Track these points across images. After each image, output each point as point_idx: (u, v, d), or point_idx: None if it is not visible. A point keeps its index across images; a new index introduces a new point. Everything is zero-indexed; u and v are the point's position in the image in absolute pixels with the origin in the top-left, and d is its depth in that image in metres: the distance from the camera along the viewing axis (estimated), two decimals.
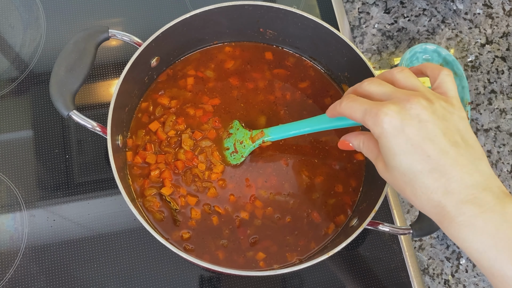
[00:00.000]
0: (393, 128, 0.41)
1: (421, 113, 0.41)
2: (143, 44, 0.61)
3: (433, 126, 0.40)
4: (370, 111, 0.42)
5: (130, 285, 0.64)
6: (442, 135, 0.40)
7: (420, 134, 0.40)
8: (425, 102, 0.41)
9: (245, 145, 0.63)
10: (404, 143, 0.40)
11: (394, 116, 0.40)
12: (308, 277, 0.67)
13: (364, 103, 0.43)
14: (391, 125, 0.41)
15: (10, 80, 0.74)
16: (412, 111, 0.41)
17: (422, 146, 0.40)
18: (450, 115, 0.42)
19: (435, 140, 0.40)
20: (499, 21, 0.86)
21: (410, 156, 0.40)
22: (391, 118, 0.41)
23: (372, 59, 0.81)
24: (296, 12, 0.65)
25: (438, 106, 0.42)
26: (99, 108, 0.73)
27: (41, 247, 0.65)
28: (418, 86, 0.44)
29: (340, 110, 0.46)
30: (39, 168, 0.69)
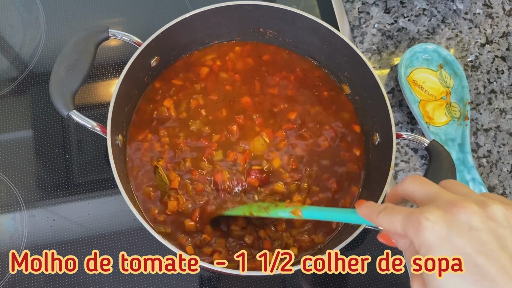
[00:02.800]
0: (437, 237, 0.33)
1: (471, 219, 0.33)
2: (143, 44, 0.61)
3: (487, 236, 0.33)
4: (409, 218, 0.35)
5: (130, 285, 0.64)
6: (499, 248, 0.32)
7: (471, 246, 0.32)
8: (476, 206, 0.34)
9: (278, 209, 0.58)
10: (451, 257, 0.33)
11: (438, 222, 0.33)
12: (308, 277, 0.67)
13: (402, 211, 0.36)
14: (434, 232, 0.33)
15: (10, 80, 0.74)
16: (462, 216, 0.33)
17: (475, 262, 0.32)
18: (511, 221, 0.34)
19: (491, 255, 0.32)
20: (499, 21, 0.86)
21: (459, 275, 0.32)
22: (434, 225, 0.33)
23: (372, 59, 0.81)
24: (296, 12, 0.65)
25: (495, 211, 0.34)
26: (99, 108, 0.73)
27: (41, 247, 0.65)
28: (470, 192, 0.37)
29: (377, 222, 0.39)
30: (39, 168, 0.69)
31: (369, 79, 0.63)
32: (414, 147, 0.76)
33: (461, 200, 0.34)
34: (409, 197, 0.39)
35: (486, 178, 0.76)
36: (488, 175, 0.76)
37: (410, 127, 0.77)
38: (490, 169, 0.76)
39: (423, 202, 0.37)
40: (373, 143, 0.66)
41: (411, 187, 0.39)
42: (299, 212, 0.55)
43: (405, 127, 0.77)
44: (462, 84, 0.78)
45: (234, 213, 0.61)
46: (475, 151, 0.77)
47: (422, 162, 0.76)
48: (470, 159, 0.73)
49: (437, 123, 0.76)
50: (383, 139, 0.63)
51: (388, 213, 0.38)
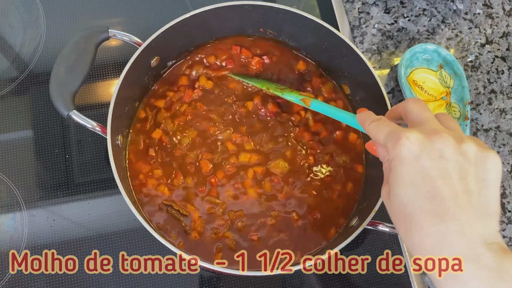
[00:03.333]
0: (410, 154, 0.37)
1: (445, 149, 0.37)
2: (143, 44, 0.61)
3: (452, 166, 0.37)
4: (393, 132, 0.39)
5: (130, 285, 0.64)
6: (458, 178, 0.37)
7: (435, 169, 0.37)
8: (453, 140, 0.38)
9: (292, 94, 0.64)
10: (415, 173, 0.37)
11: (415, 143, 0.37)
12: (308, 277, 0.67)
13: (391, 126, 0.41)
14: (409, 150, 0.37)
15: (10, 80, 0.74)
16: (437, 145, 0.37)
17: (432, 183, 0.36)
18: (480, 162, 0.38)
19: (449, 181, 0.36)
20: (499, 21, 0.86)
21: (416, 189, 0.37)
22: (411, 144, 0.37)
23: (372, 59, 0.81)
24: (296, 12, 0.65)
25: (468, 149, 0.38)
26: (99, 108, 0.73)
27: (41, 247, 0.65)
28: (457, 128, 0.41)
29: (367, 129, 0.44)
30: (39, 168, 0.69)
31: (369, 79, 0.63)
32: None
33: (442, 131, 0.38)
34: (404, 116, 0.43)
35: None
36: None
37: None
38: None
39: (413, 124, 0.41)
40: None
41: (409, 106, 0.43)
42: (308, 101, 0.60)
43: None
44: (462, 84, 0.78)
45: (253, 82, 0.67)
46: None
47: None
48: None
49: None
50: None
51: (379, 124, 0.42)
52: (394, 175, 0.39)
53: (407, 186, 0.37)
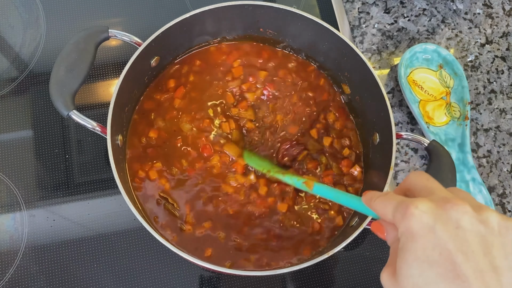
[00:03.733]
0: (422, 226, 0.32)
1: (462, 218, 0.32)
2: (143, 44, 0.61)
3: (473, 238, 0.31)
4: (401, 204, 0.34)
5: (130, 285, 0.64)
6: (482, 253, 0.31)
7: (453, 243, 0.31)
8: (470, 208, 0.32)
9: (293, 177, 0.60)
10: (430, 248, 0.31)
11: (426, 213, 0.32)
12: (308, 277, 0.67)
13: (398, 198, 0.35)
14: (421, 221, 0.32)
15: (10, 80, 0.74)
16: (452, 213, 0.32)
17: (452, 259, 0.31)
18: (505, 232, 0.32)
19: (471, 257, 0.31)
20: (499, 21, 0.86)
21: (434, 267, 0.31)
22: (422, 213, 0.32)
23: (372, 59, 0.81)
24: (296, 12, 0.65)
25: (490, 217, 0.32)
26: (99, 108, 0.73)
27: (41, 247, 0.65)
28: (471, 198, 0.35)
29: (373, 207, 0.38)
30: (39, 168, 0.69)
31: (369, 79, 0.63)
32: (414, 147, 0.76)
33: (455, 199, 0.33)
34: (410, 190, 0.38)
35: (486, 178, 0.76)
36: (488, 175, 0.76)
37: (410, 127, 0.77)
38: (490, 169, 0.76)
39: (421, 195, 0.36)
40: (373, 143, 0.66)
41: (413, 180, 0.38)
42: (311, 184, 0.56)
43: (405, 127, 0.77)
44: (462, 84, 0.78)
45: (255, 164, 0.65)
46: (475, 151, 0.77)
47: (422, 162, 0.76)
48: (470, 159, 0.73)
49: (437, 123, 0.76)
50: (383, 139, 0.63)
51: (384, 199, 0.37)
52: (404, 253, 0.33)
53: (423, 265, 0.31)
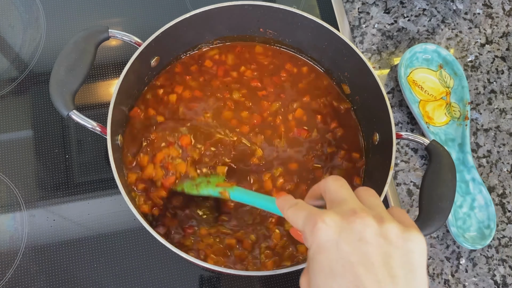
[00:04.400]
0: (327, 240, 0.34)
1: (364, 231, 0.34)
2: (143, 44, 0.61)
3: (373, 250, 0.33)
4: (309, 217, 0.36)
5: (130, 285, 0.64)
6: (381, 264, 0.33)
7: (355, 255, 0.33)
8: (373, 221, 0.34)
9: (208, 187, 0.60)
10: (334, 261, 0.33)
11: (332, 227, 0.34)
12: None
13: (307, 209, 0.37)
14: (326, 235, 0.34)
15: (10, 80, 0.74)
16: (356, 226, 0.34)
17: (354, 271, 0.33)
18: (402, 243, 0.34)
19: (371, 268, 0.33)
20: (499, 21, 0.86)
21: (337, 280, 0.33)
22: (327, 228, 0.34)
23: (372, 59, 0.81)
24: (296, 12, 0.65)
25: (389, 229, 0.35)
26: (99, 108, 0.73)
27: (41, 247, 0.65)
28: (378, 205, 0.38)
29: (286, 216, 0.40)
30: (39, 168, 0.69)
31: (369, 79, 0.63)
32: (414, 147, 0.76)
33: (361, 211, 0.35)
34: (323, 195, 0.40)
35: (486, 178, 0.76)
36: (488, 175, 0.76)
37: (410, 127, 0.77)
38: (490, 169, 0.76)
39: (331, 203, 0.38)
40: (373, 143, 0.66)
41: (328, 186, 0.39)
42: (227, 193, 0.57)
43: (405, 127, 0.77)
44: (462, 84, 0.78)
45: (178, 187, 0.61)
46: (475, 151, 0.77)
47: (422, 162, 0.76)
48: (470, 159, 0.73)
49: (437, 123, 0.76)
50: (383, 139, 0.63)
51: (296, 209, 0.39)
52: (313, 264, 0.35)
53: (327, 277, 0.34)
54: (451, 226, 0.69)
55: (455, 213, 0.71)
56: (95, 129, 0.58)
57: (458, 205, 0.72)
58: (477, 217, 0.71)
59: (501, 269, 0.71)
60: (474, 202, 0.72)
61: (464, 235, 0.70)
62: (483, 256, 0.72)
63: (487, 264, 0.71)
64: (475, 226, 0.71)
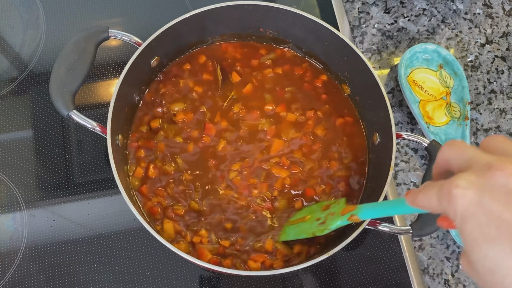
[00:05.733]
0: (469, 205, 0.29)
1: (509, 182, 0.29)
2: (143, 44, 0.61)
3: None
4: (441, 190, 0.31)
5: (130, 285, 0.64)
6: None
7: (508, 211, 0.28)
8: None
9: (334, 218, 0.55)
10: (486, 226, 0.29)
11: (469, 188, 0.30)
12: (308, 277, 0.67)
13: (437, 185, 0.32)
14: (466, 200, 0.30)
15: (10, 80, 0.74)
16: (497, 179, 0.29)
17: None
18: None
19: None
20: (499, 21, 0.86)
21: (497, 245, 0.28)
22: (465, 191, 0.30)
23: (372, 59, 0.81)
24: (296, 12, 0.65)
25: None
26: (99, 108, 0.73)
27: (41, 247, 0.65)
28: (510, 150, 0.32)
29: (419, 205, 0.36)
30: (39, 168, 0.69)
31: (369, 79, 0.63)
32: (414, 147, 0.76)
33: (498, 162, 0.30)
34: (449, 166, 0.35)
35: None
36: None
37: (410, 127, 0.77)
38: None
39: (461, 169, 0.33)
40: (373, 143, 0.66)
41: (446, 154, 0.35)
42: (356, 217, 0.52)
43: (405, 127, 0.77)
44: (462, 84, 0.78)
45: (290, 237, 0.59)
46: None
47: (422, 162, 0.76)
48: None
49: (437, 123, 0.76)
50: (383, 139, 0.63)
51: (424, 193, 0.34)
52: (464, 238, 0.30)
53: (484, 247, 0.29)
54: None
55: None
56: (95, 129, 0.58)
57: None
58: None
59: None
60: None
61: None
62: None
63: None
64: None
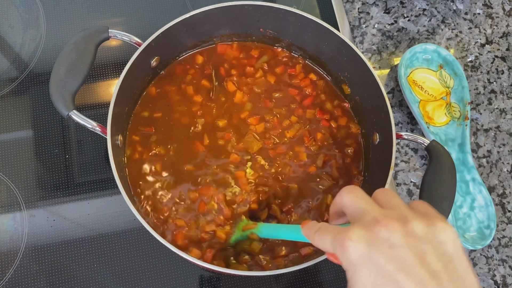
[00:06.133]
0: (359, 257, 0.34)
1: (391, 237, 0.33)
2: (143, 44, 0.61)
3: (406, 252, 0.33)
4: (335, 238, 0.36)
5: (130, 285, 0.64)
6: (419, 263, 0.33)
7: (391, 263, 0.33)
8: (397, 223, 0.34)
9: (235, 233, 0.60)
10: (373, 275, 0.33)
11: (359, 242, 0.34)
12: (308, 277, 0.67)
13: (332, 231, 0.37)
14: (357, 252, 0.34)
15: (10, 80, 0.74)
16: (382, 234, 0.34)
17: (395, 278, 0.32)
18: (432, 237, 0.34)
19: (410, 271, 0.32)
20: (499, 21, 0.86)
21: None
22: (356, 244, 0.34)
23: (372, 59, 0.81)
24: (296, 12, 0.65)
25: (415, 228, 0.34)
26: (99, 108, 0.73)
27: (41, 247, 0.65)
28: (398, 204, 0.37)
29: (313, 242, 0.40)
30: (39, 168, 0.69)
31: (369, 79, 0.63)
32: (414, 147, 0.76)
33: (383, 217, 0.35)
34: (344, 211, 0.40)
35: (486, 178, 0.76)
36: (488, 175, 0.76)
37: (410, 127, 0.77)
38: (490, 169, 0.76)
39: (353, 218, 0.38)
40: (373, 143, 0.66)
41: (344, 201, 0.39)
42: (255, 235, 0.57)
43: (405, 127, 0.77)
44: (462, 84, 0.78)
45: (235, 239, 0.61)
46: (475, 151, 0.77)
47: (422, 162, 0.76)
48: (470, 159, 0.73)
49: (437, 123, 0.76)
50: (383, 139, 0.63)
51: (321, 233, 0.38)
52: (353, 285, 0.35)
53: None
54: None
55: (455, 213, 0.71)
56: (95, 129, 0.58)
57: (458, 205, 0.72)
58: (477, 217, 0.71)
59: (501, 269, 0.71)
60: (474, 202, 0.72)
61: (464, 235, 0.70)
62: (483, 256, 0.72)
63: (487, 264, 0.71)
64: (475, 226, 0.71)
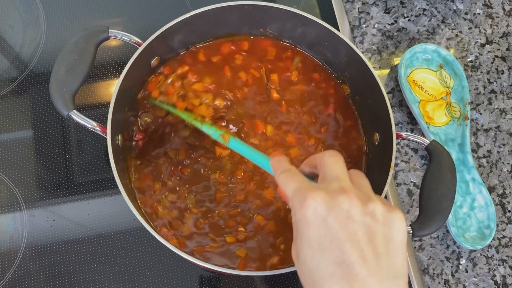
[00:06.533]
0: (316, 216, 0.36)
1: (352, 210, 0.36)
2: (143, 44, 0.61)
3: (360, 227, 0.35)
4: (299, 191, 0.38)
5: (130, 285, 0.64)
6: (367, 241, 0.35)
7: (343, 232, 0.35)
8: (359, 201, 0.36)
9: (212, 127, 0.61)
10: (322, 237, 0.35)
11: (321, 204, 0.36)
12: None
13: (299, 181, 0.39)
14: (315, 212, 0.36)
15: (10, 80, 0.74)
16: (344, 205, 0.36)
17: (341, 246, 0.35)
18: (387, 223, 0.37)
19: (357, 244, 0.35)
20: (499, 21, 0.86)
21: (325, 254, 0.35)
22: (317, 205, 0.36)
23: (372, 59, 0.81)
24: (296, 12, 0.65)
25: (375, 209, 0.37)
26: (99, 108, 0.73)
27: (41, 247, 0.65)
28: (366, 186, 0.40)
29: (277, 179, 0.42)
30: (39, 168, 0.69)
31: (369, 79, 0.63)
32: (414, 147, 0.76)
33: (350, 190, 0.37)
34: (318, 168, 0.41)
35: (486, 178, 0.76)
36: (488, 175, 0.76)
37: (410, 127, 0.77)
38: (490, 169, 0.76)
39: (323, 178, 0.40)
40: (373, 143, 0.66)
41: (324, 160, 0.41)
42: (227, 138, 0.58)
43: (405, 127, 0.77)
44: (462, 84, 0.78)
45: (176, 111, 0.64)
46: (475, 151, 0.77)
47: (422, 162, 0.76)
48: (470, 159, 0.73)
49: (437, 123, 0.76)
50: (383, 139, 0.63)
51: (288, 176, 0.40)
52: (301, 238, 0.37)
53: (315, 251, 0.36)
54: (451, 226, 0.69)
55: (455, 213, 0.71)
56: (95, 129, 0.58)
57: (458, 205, 0.72)
58: (477, 217, 0.71)
59: (501, 269, 0.71)
60: (474, 202, 0.72)
61: (464, 235, 0.70)
62: (483, 256, 0.72)
63: (487, 264, 0.71)
64: (475, 226, 0.71)
